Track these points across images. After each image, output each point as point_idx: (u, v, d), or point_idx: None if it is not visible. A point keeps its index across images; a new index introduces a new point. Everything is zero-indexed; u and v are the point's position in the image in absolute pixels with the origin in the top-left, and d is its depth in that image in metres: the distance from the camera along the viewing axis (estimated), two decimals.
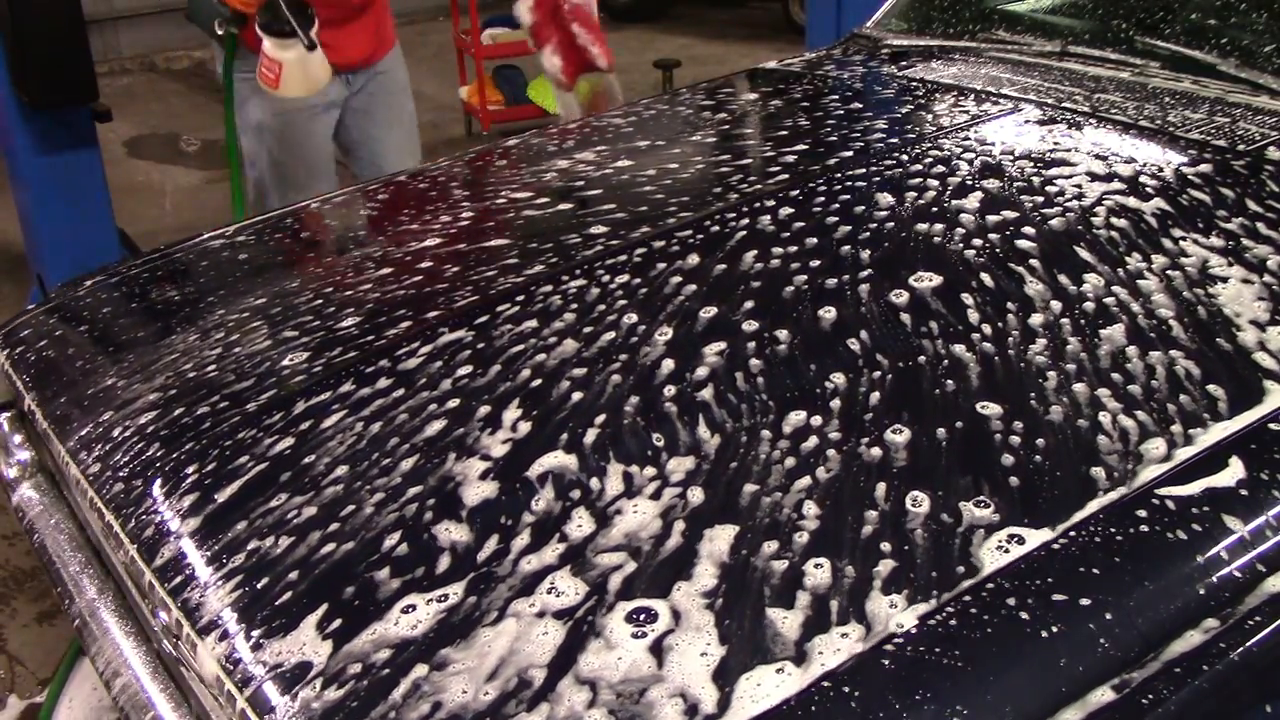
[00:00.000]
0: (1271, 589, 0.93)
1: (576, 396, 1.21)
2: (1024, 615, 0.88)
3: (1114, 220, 1.45)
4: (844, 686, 0.84)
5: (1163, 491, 0.99)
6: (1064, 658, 0.86)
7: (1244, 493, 0.99)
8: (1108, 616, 0.89)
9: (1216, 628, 0.90)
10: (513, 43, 6.00)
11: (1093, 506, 0.98)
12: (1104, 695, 0.85)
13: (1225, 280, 1.30)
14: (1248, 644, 0.90)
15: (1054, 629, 0.87)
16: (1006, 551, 0.94)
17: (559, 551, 1.00)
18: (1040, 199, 1.52)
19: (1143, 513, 0.97)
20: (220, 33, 2.76)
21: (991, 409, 1.12)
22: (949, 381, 1.16)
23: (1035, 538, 0.95)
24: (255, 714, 0.92)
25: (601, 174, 1.87)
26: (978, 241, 1.42)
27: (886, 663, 0.85)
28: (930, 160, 1.69)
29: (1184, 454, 1.04)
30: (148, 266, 1.80)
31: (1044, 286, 1.31)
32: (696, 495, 1.05)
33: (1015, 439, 1.07)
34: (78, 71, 3.09)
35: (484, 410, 1.21)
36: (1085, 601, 0.89)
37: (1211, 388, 1.13)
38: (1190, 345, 1.19)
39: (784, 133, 2.00)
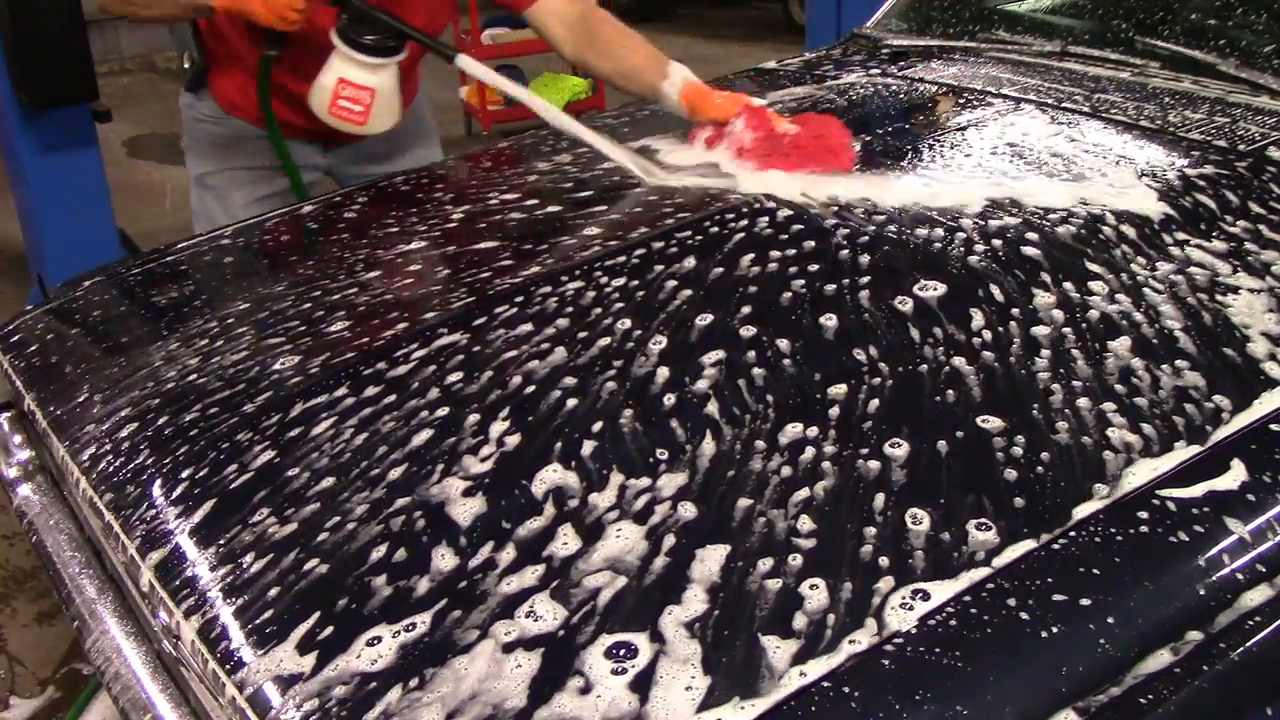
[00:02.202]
0: (1272, 590, 0.93)
1: (565, 408, 1.19)
2: (1024, 615, 0.88)
3: (1113, 221, 1.45)
4: (844, 686, 0.84)
5: (1164, 492, 0.99)
6: (1064, 658, 0.86)
7: (1244, 494, 0.99)
8: (1108, 616, 0.89)
9: (1216, 628, 0.90)
10: (513, 43, 6.00)
11: (1093, 507, 0.98)
12: (1104, 695, 0.85)
13: (1226, 280, 1.30)
14: (1248, 644, 0.90)
15: (1054, 629, 0.87)
16: (998, 557, 0.94)
17: (540, 572, 0.97)
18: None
19: (1143, 513, 0.97)
20: (188, 65, 2.22)
21: (993, 421, 1.12)
22: (949, 391, 1.16)
23: (1034, 541, 0.95)
24: (255, 715, 0.91)
25: (594, 176, 1.87)
26: (978, 245, 1.42)
27: (886, 663, 0.85)
28: (929, 161, 1.69)
29: (1185, 455, 1.04)
30: (148, 266, 1.80)
31: (1042, 287, 1.31)
32: (686, 512, 1.02)
33: (1017, 442, 1.07)
34: (78, 71, 3.09)
35: (473, 419, 1.19)
36: (1085, 601, 0.89)
37: (1211, 388, 1.13)
38: (1190, 345, 1.19)
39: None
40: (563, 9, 2.08)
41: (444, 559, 1.01)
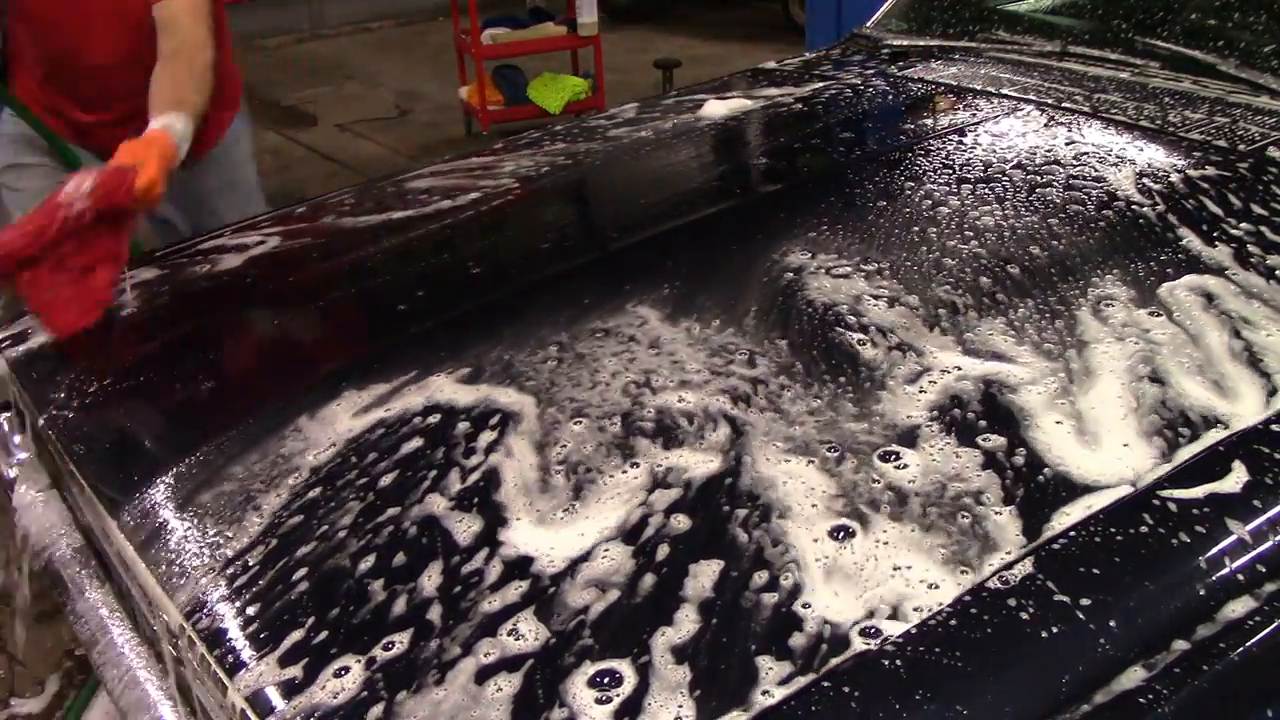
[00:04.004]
0: (1270, 590, 0.93)
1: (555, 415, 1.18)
2: (1024, 615, 0.88)
3: (1112, 220, 1.45)
4: (844, 686, 0.84)
5: (1164, 493, 0.99)
6: (1064, 658, 0.86)
7: (1244, 494, 0.99)
8: (1108, 616, 0.89)
9: (1215, 628, 0.90)
10: (513, 43, 6.00)
11: (1094, 507, 0.98)
12: (1104, 695, 0.85)
13: (1225, 280, 1.30)
14: (1248, 644, 0.90)
15: (1054, 629, 0.87)
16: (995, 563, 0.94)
17: (522, 592, 0.95)
18: (1039, 200, 1.52)
19: (1143, 514, 0.97)
20: None
21: (992, 430, 1.12)
22: (946, 394, 1.17)
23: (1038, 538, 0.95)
24: (256, 716, 0.91)
25: (594, 176, 1.87)
26: (976, 244, 1.42)
27: (886, 663, 0.85)
28: (928, 162, 1.69)
29: (1185, 455, 1.04)
30: (147, 266, 1.80)
31: (1042, 285, 1.31)
32: (679, 525, 1.00)
33: (1019, 441, 1.08)
34: None
35: (462, 426, 1.18)
36: (1085, 601, 0.89)
37: (1211, 387, 1.13)
38: (1188, 344, 1.19)
39: (780, 135, 2.00)
40: (171, 14, 2.11)
41: (428, 579, 0.99)
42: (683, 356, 1.25)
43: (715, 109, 2.10)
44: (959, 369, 1.18)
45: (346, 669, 0.91)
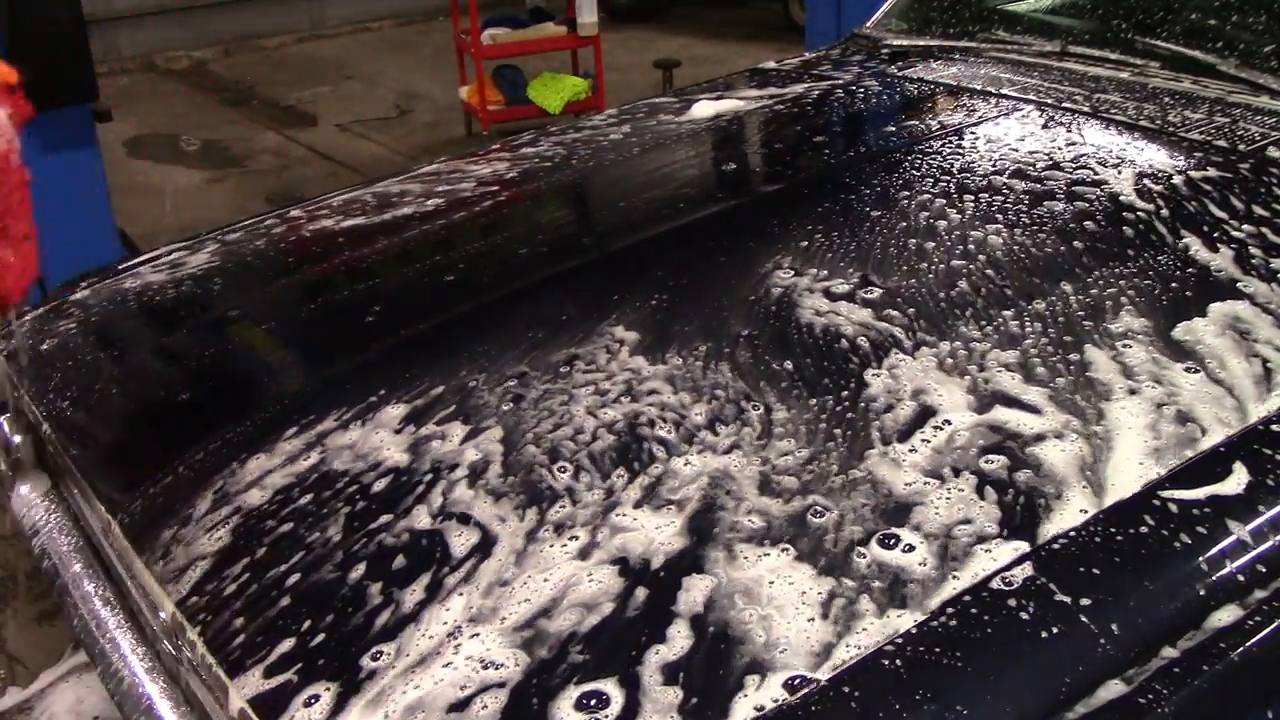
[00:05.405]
0: (1272, 590, 0.93)
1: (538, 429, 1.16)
2: (1024, 615, 0.88)
3: (1112, 220, 1.45)
4: (844, 686, 0.84)
5: (1164, 494, 0.99)
6: (1064, 658, 0.86)
7: (1245, 495, 0.99)
8: (1108, 616, 0.88)
9: (1216, 628, 0.90)
10: (512, 43, 6.01)
11: (1095, 508, 0.98)
12: (1104, 695, 0.85)
13: (1225, 280, 1.30)
14: (1248, 644, 0.90)
15: (1054, 629, 0.87)
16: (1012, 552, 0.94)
17: (513, 609, 0.94)
18: (1037, 200, 1.52)
19: (1144, 514, 0.97)
20: None
21: (995, 427, 1.12)
22: (941, 396, 1.16)
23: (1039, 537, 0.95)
24: (256, 716, 0.91)
25: (593, 176, 1.86)
26: (974, 244, 1.42)
27: (886, 663, 0.85)
28: (927, 162, 1.68)
29: (1185, 456, 1.04)
30: (146, 267, 1.80)
31: (1041, 284, 1.31)
32: (669, 543, 0.99)
33: (1018, 441, 1.07)
34: (78, 71, 3.09)
35: (456, 434, 1.18)
36: (1085, 601, 0.89)
37: (1211, 385, 1.13)
38: (1188, 344, 1.19)
39: (780, 135, 2.00)
40: None
41: (410, 595, 0.97)
42: (660, 391, 1.20)
43: (704, 110, 2.09)
44: (957, 414, 1.13)
45: (317, 698, 0.90)
